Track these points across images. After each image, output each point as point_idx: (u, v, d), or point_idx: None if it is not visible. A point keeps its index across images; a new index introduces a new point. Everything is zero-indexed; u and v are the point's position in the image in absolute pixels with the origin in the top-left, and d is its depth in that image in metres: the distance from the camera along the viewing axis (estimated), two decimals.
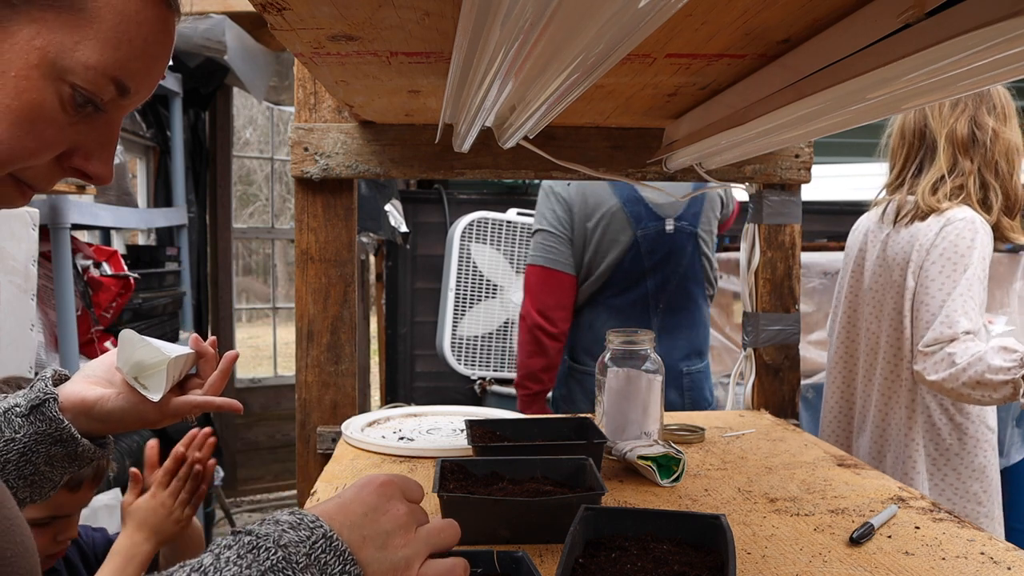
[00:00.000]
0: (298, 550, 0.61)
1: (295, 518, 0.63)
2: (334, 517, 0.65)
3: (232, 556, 0.59)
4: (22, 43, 0.63)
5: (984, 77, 0.74)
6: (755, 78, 1.17)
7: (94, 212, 2.56)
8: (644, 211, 2.21)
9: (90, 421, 0.91)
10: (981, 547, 1.03)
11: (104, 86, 0.67)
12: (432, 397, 4.02)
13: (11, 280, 1.83)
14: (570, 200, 2.25)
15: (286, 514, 0.64)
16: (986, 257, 1.65)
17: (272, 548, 0.60)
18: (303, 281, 1.75)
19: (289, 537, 0.61)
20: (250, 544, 0.60)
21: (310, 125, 1.71)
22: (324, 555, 0.62)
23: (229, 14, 3.37)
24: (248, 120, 7.43)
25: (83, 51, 0.65)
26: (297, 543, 0.61)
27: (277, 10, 0.89)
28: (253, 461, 4.88)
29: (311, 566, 0.61)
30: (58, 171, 0.70)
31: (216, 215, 4.66)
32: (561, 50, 0.76)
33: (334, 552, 0.63)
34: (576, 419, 1.44)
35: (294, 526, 0.62)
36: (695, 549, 0.91)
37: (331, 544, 0.63)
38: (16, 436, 0.86)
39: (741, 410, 1.92)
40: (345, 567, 0.63)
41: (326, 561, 0.62)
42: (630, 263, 2.22)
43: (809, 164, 1.82)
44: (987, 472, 1.69)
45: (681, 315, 2.26)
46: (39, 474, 0.88)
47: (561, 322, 2.26)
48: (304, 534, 0.62)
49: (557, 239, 2.25)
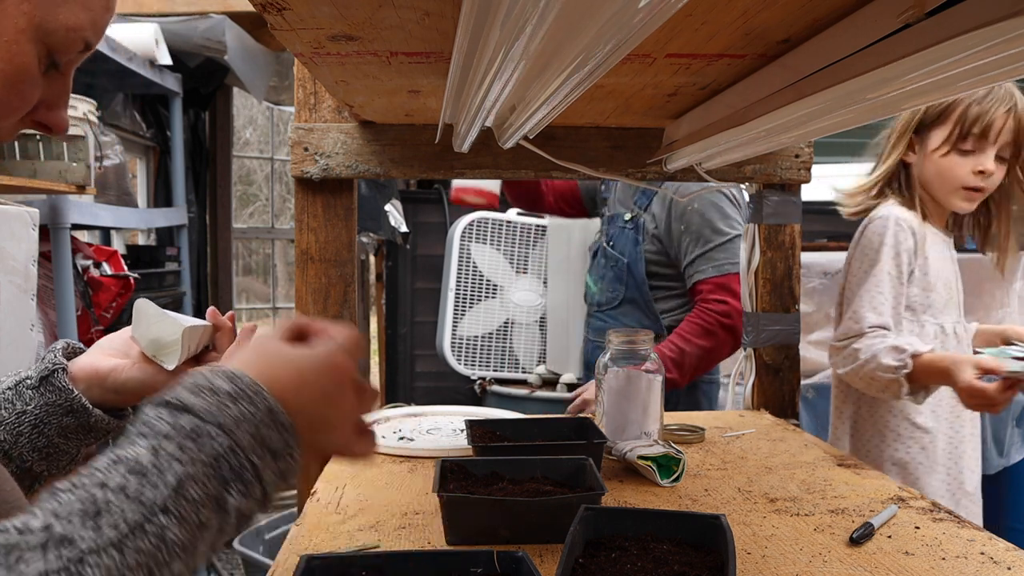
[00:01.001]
0: (241, 430, 0.58)
1: (234, 387, 0.59)
2: (288, 397, 0.62)
3: (172, 450, 0.55)
4: (11, 8, 0.65)
5: (984, 77, 0.74)
6: (755, 78, 1.17)
7: (94, 212, 2.56)
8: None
9: (105, 392, 0.90)
10: (981, 547, 1.03)
11: (76, 45, 0.71)
12: (432, 397, 4.02)
13: (11, 280, 1.83)
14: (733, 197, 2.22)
15: (222, 379, 0.60)
16: (901, 253, 1.64)
17: (215, 434, 0.57)
18: (303, 281, 1.75)
19: (231, 413, 0.58)
20: (192, 431, 0.56)
21: (310, 125, 1.71)
22: (268, 431, 0.60)
23: (229, 14, 3.37)
24: (248, 120, 7.43)
25: (64, 13, 0.68)
26: (239, 420, 0.58)
27: (277, 10, 0.89)
28: None
29: (256, 447, 0.58)
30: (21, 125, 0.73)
31: (216, 215, 4.66)
32: (561, 50, 0.76)
33: (278, 427, 0.60)
34: (576, 419, 1.44)
35: (234, 397, 0.59)
36: (695, 549, 0.91)
37: (276, 419, 0.60)
38: (27, 408, 0.85)
39: (741, 410, 1.92)
40: (288, 442, 0.61)
41: (268, 436, 0.60)
42: None
43: (809, 164, 1.82)
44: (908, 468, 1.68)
45: None
46: (53, 446, 0.87)
47: None
48: (247, 409, 0.59)
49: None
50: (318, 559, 0.84)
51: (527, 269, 3.63)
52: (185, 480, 0.54)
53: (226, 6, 3.42)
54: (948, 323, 1.67)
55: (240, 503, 0.57)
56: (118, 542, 0.50)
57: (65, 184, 2.20)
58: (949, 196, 1.65)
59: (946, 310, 1.67)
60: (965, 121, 1.58)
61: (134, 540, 0.51)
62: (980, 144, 1.59)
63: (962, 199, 1.64)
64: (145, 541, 0.51)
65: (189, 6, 3.43)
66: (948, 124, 1.60)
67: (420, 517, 1.14)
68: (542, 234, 3.62)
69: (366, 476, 1.34)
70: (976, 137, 1.59)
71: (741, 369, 1.94)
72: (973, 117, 1.58)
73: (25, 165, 2.18)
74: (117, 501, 0.52)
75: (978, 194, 1.63)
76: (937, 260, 1.67)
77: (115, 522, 0.51)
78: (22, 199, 2.17)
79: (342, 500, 1.22)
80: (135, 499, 0.52)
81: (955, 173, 1.61)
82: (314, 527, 1.11)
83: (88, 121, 2.48)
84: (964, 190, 1.63)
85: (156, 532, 0.52)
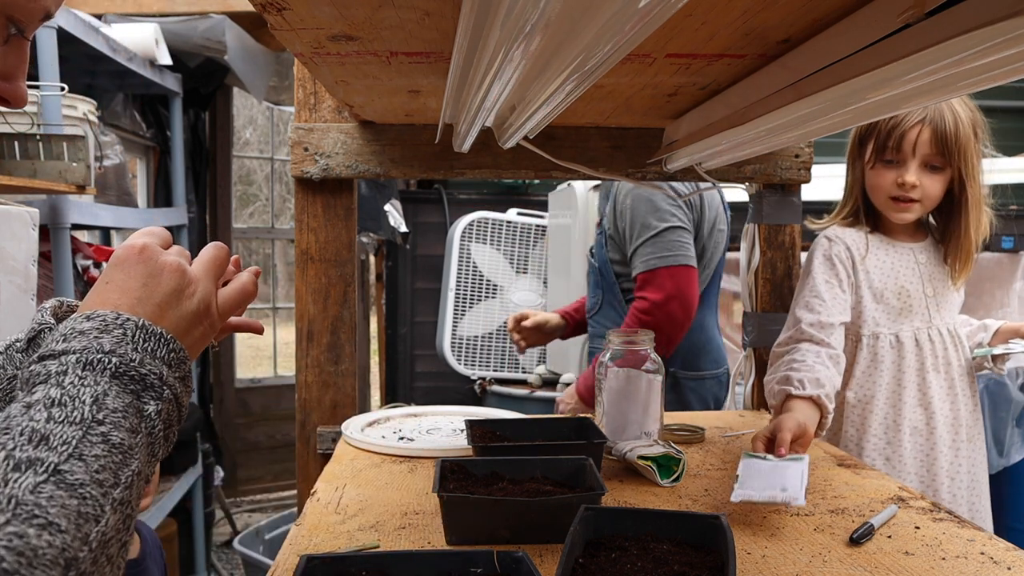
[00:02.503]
0: (124, 349, 0.61)
1: (96, 322, 0.63)
2: (121, 303, 0.65)
3: (74, 380, 0.58)
4: None
5: (984, 77, 0.75)
6: (755, 78, 1.17)
7: (94, 212, 2.56)
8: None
9: None
10: (981, 547, 1.03)
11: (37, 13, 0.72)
12: (432, 397, 4.02)
13: (11, 280, 1.83)
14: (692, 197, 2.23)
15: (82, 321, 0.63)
16: (830, 258, 1.67)
17: (102, 358, 0.60)
18: (303, 281, 1.75)
19: (108, 341, 0.61)
20: (80, 361, 0.59)
21: (310, 125, 1.71)
22: (147, 343, 0.63)
23: (229, 14, 3.38)
24: (248, 120, 7.43)
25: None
26: (118, 342, 0.61)
27: (277, 10, 0.89)
28: (253, 461, 4.88)
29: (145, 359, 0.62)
30: None
31: (216, 215, 4.66)
32: (561, 50, 0.76)
33: (153, 336, 0.64)
34: (576, 419, 1.44)
35: (103, 329, 0.62)
36: (695, 549, 0.91)
37: (147, 331, 0.63)
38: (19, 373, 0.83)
39: (741, 410, 1.92)
40: (169, 345, 0.64)
41: (152, 348, 0.63)
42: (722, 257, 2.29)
43: (809, 164, 1.82)
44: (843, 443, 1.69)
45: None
46: None
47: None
48: (118, 333, 0.62)
49: (689, 235, 2.17)
50: (318, 559, 0.84)
51: (527, 269, 3.63)
52: (99, 396, 0.58)
53: (226, 6, 3.42)
54: (906, 332, 1.67)
55: (158, 407, 0.62)
56: (76, 453, 0.54)
57: (65, 184, 2.20)
58: (883, 207, 1.70)
59: (902, 319, 1.67)
60: (880, 133, 1.64)
61: (88, 448, 0.55)
62: (899, 156, 1.64)
63: (893, 209, 1.68)
64: (96, 448, 0.55)
65: (189, 6, 3.43)
66: (872, 137, 1.66)
67: (420, 517, 1.14)
68: (542, 234, 3.62)
69: (366, 476, 1.34)
70: (893, 149, 1.64)
71: (741, 369, 1.94)
72: (887, 129, 1.63)
73: (25, 165, 2.18)
74: (54, 428, 0.55)
75: (907, 204, 1.66)
76: (887, 270, 1.69)
77: (64, 439, 0.54)
78: (22, 199, 2.17)
79: (342, 500, 1.22)
80: (68, 422, 0.56)
81: (881, 184, 1.67)
82: (314, 527, 1.11)
83: (88, 121, 2.48)
84: (892, 200, 1.67)
85: (100, 439, 0.56)
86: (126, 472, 0.56)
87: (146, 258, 0.69)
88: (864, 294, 1.69)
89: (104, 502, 0.53)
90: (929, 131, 1.61)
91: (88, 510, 0.52)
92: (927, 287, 1.69)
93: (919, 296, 1.69)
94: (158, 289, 0.68)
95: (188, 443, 3.34)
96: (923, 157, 1.63)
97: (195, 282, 0.71)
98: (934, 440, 1.66)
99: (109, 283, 0.67)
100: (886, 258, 1.70)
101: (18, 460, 0.51)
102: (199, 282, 0.71)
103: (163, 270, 0.69)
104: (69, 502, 0.51)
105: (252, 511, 4.75)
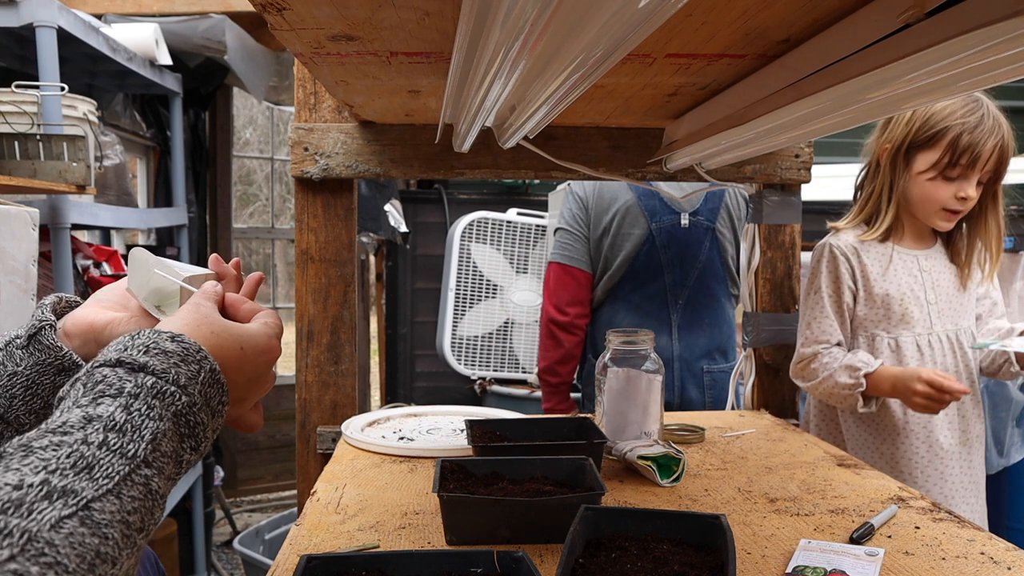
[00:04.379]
0: (194, 389, 0.63)
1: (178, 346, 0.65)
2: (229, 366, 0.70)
3: (142, 408, 0.59)
4: None
5: (984, 77, 0.74)
6: (755, 78, 1.17)
7: (94, 212, 2.56)
8: (659, 205, 2.25)
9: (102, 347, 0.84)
10: (981, 547, 1.03)
11: None
12: (432, 397, 4.02)
13: (11, 280, 1.83)
14: (586, 198, 2.30)
15: (168, 341, 0.65)
16: (833, 271, 1.72)
17: (176, 392, 0.62)
18: (303, 281, 1.75)
19: (184, 373, 0.63)
20: (154, 389, 0.61)
21: (310, 125, 1.71)
22: (210, 389, 0.66)
23: (229, 14, 3.38)
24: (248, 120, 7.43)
25: None
26: (191, 380, 0.64)
27: (277, 10, 0.89)
28: (253, 461, 4.88)
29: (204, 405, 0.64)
30: None
31: (216, 215, 4.66)
32: (561, 50, 0.76)
33: (218, 388, 0.67)
34: (576, 419, 1.44)
35: (184, 359, 0.64)
36: (695, 549, 0.91)
37: (217, 380, 0.67)
38: (19, 370, 0.81)
39: (741, 410, 1.92)
40: (222, 399, 0.67)
41: (211, 396, 0.66)
42: (645, 256, 2.24)
43: (809, 164, 1.82)
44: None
45: (701, 312, 2.28)
46: (49, 407, 0.83)
47: (576, 316, 2.30)
48: (194, 368, 0.64)
49: (574, 237, 2.31)
50: (318, 559, 0.84)
51: (527, 269, 3.63)
52: (159, 435, 0.58)
53: (226, 6, 3.42)
54: (906, 338, 1.68)
55: (191, 457, 0.63)
56: (115, 490, 0.54)
57: (65, 184, 2.20)
58: (930, 216, 1.70)
59: (903, 324, 1.68)
60: (955, 150, 1.62)
61: (127, 489, 0.55)
62: (966, 172, 1.64)
63: (942, 219, 1.69)
64: (135, 490, 0.55)
65: (189, 6, 3.43)
66: (937, 150, 1.64)
67: (420, 517, 1.14)
68: (542, 234, 3.62)
69: (366, 476, 1.34)
70: (965, 167, 1.63)
71: (741, 369, 1.94)
72: (963, 147, 1.61)
73: (25, 165, 2.18)
74: (104, 455, 0.55)
75: (957, 215, 1.69)
76: (889, 277, 1.69)
77: (108, 473, 0.54)
78: (22, 199, 2.17)
79: (342, 500, 1.22)
80: (119, 453, 0.55)
81: (938, 196, 1.66)
82: (314, 527, 1.11)
83: (88, 121, 2.48)
84: (945, 211, 1.68)
85: (143, 482, 0.56)
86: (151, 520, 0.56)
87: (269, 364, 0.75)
88: (864, 300, 1.71)
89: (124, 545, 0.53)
90: (999, 152, 1.62)
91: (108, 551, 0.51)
92: (929, 294, 1.70)
93: (920, 303, 1.69)
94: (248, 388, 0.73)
95: None
96: (983, 174, 1.64)
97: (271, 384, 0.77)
98: (930, 443, 1.67)
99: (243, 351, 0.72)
100: (888, 265, 1.71)
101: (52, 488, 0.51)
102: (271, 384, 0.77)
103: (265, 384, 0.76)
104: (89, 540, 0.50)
105: (252, 511, 4.75)
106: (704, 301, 2.27)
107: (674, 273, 2.25)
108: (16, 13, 2.24)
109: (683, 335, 2.25)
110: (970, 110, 1.61)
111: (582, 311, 2.31)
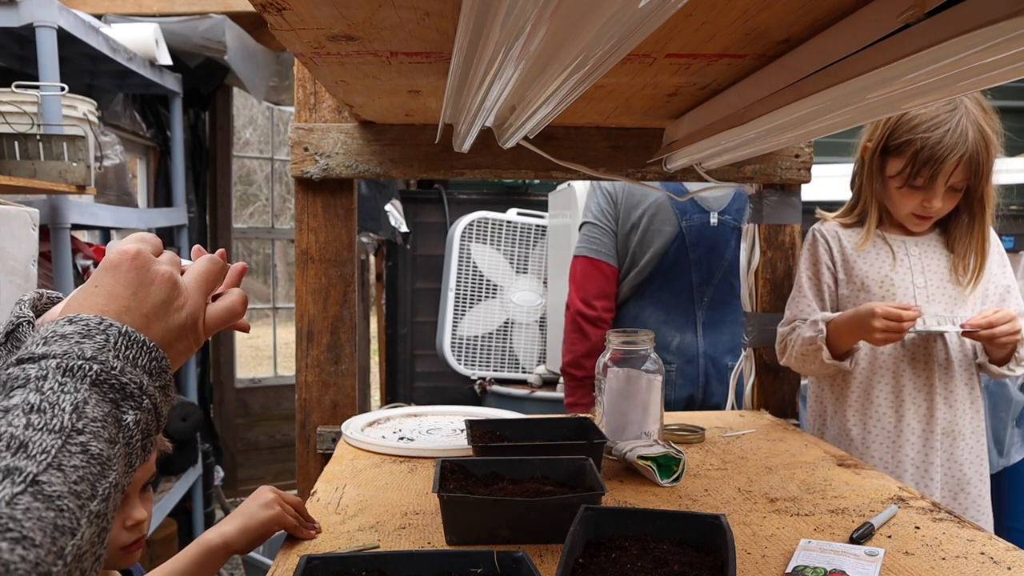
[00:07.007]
0: (106, 356, 0.60)
1: (79, 326, 0.61)
2: (108, 309, 0.64)
3: (54, 386, 0.57)
4: None
5: (984, 77, 0.74)
6: (755, 78, 1.17)
7: (94, 212, 2.56)
8: (690, 203, 2.25)
9: None
10: (981, 547, 1.03)
11: None
12: (432, 397, 4.02)
13: (11, 280, 1.83)
14: (615, 193, 2.31)
15: (64, 325, 0.62)
16: (813, 253, 1.77)
17: (83, 364, 0.59)
18: (303, 281, 1.75)
19: (89, 347, 0.60)
20: (60, 366, 0.58)
21: (310, 125, 1.71)
22: (129, 351, 0.62)
23: (229, 14, 3.38)
24: (248, 120, 7.43)
25: None
26: (100, 349, 0.60)
27: (277, 10, 0.89)
28: (253, 461, 4.88)
29: (125, 367, 0.61)
30: None
31: (216, 215, 4.66)
32: (561, 50, 0.76)
33: (135, 344, 0.63)
34: (576, 419, 1.44)
35: (85, 334, 0.61)
36: (695, 549, 0.91)
37: (129, 338, 0.62)
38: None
39: (741, 410, 1.92)
40: (151, 354, 0.63)
41: (134, 356, 0.62)
42: (675, 254, 2.25)
43: (809, 164, 1.82)
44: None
45: (726, 309, 2.29)
46: None
47: (603, 310, 2.31)
48: (100, 339, 0.61)
49: (601, 231, 2.31)
50: (318, 559, 0.84)
51: (527, 269, 3.62)
52: (80, 404, 0.57)
53: (226, 6, 3.42)
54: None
55: (136, 417, 0.61)
56: (54, 463, 0.53)
57: (65, 184, 2.20)
58: (902, 218, 1.73)
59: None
60: (915, 164, 1.63)
61: (67, 459, 0.54)
62: (928, 184, 1.64)
63: (912, 223, 1.72)
64: (75, 459, 0.54)
65: (189, 6, 3.43)
66: (903, 159, 1.65)
67: (420, 517, 1.14)
68: (542, 234, 3.62)
69: (366, 476, 1.34)
70: (926, 179, 1.64)
71: (741, 369, 1.94)
72: (923, 161, 1.61)
73: (25, 165, 2.18)
74: (33, 434, 0.54)
75: (928, 220, 1.71)
76: (871, 259, 1.71)
77: (43, 448, 0.53)
78: (22, 199, 2.17)
79: (342, 500, 1.22)
80: (47, 430, 0.54)
81: (905, 203, 1.69)
82: None
83: (88, 121, 2.48)
84: (914, 216, 1.70)
85: (80, 450, 0.55)
86: (103, 484, 0.56)
87: (138, 265, 0.67)
88: (844, 282, 1.73)
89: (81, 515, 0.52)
90: (964, 164, 1.61)
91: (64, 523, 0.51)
92: (917, 278, 1.69)
93: (905, 285, 1.68)
94: (147, 299, 0.66)
95: (188, 443, 3.34)
96: (951, 184, 1.64)
97: (185, 295, 0.70)
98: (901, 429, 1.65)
99: (98, 287, 0.66)
100: (872, 248, 1.73)
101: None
102: (189, 296, 0.70)
103: (154, 280, 0.67)
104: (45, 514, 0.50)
105: None
106: (729, 298, 2.28)
107: (701, 271, 2.27)
108: (16, 13, 2.24)
109: (708, 332, 2.27)
110: (935, 124, 1.59)
111: (609, 305, 2.32)
